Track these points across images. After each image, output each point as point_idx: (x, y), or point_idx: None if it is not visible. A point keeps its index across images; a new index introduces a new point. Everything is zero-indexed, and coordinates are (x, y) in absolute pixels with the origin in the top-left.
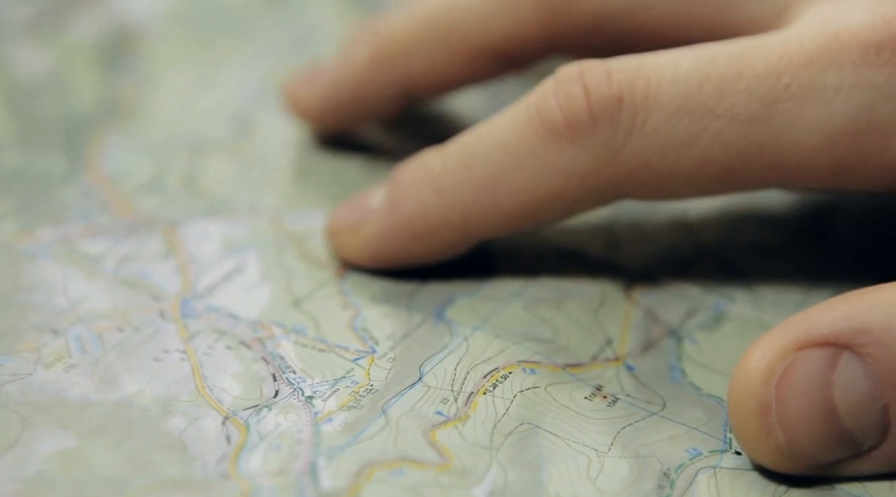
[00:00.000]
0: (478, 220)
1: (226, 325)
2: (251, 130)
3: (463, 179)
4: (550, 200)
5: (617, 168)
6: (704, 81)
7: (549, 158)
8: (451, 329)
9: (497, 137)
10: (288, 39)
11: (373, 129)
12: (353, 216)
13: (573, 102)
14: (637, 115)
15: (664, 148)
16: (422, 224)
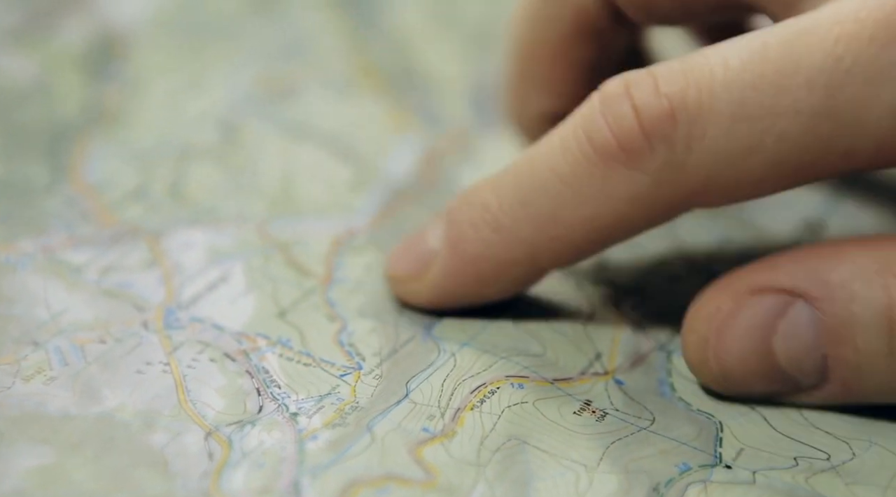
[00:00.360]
0: (544, 255)
1: (210, 337)
2: (238, 137)
3: (522, 216)
4: (617, 226)
5: (681, 186)
6: (758, 80)
7: (608, 185)
8: (438, 346)
9: (550, 167)
10: (276, 45)
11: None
12: (413, 262)
13: (624, 124)
14: (693, 129)
15: (727, 158)
16: (487, 265)
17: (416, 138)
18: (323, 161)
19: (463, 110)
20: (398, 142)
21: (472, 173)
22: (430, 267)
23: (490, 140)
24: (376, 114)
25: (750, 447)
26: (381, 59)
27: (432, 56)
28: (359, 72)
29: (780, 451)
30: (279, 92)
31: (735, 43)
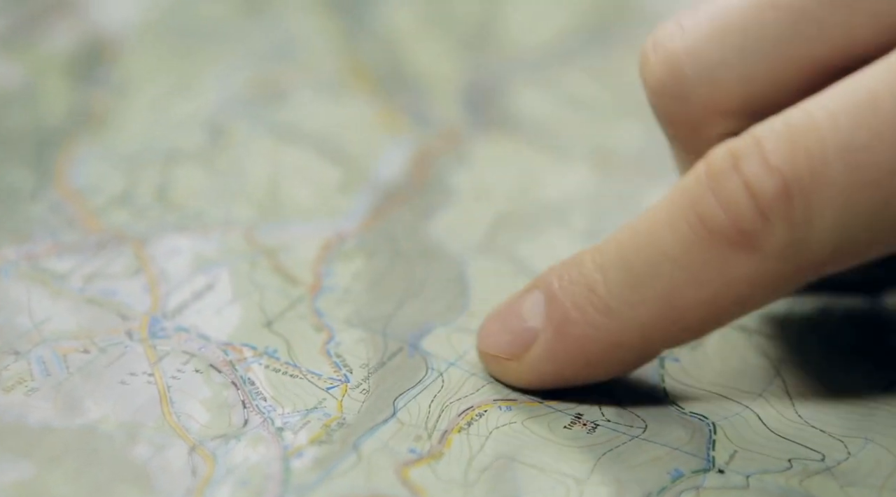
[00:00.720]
0: (658, 337)
1: (195, 347)
2: (226, 140)
3: (634, 299)
4: (738, 306)
5: (806, 261)
6: (874, 140)
7: (728, 268)
8: (426, 362)
9: (660, 248)
10: (267, 48)
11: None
12: (510, 341)
13: (737, 204)
14: (811, 202)
15: (852, 228)
16: (595, 348)
17: (407, 139)
18: (312, 163)
19: (455, 111)
20: (389, 143)
21: (463, 174)
22: (530, 347)
23: (482, 141)
24: (367, 115)
25: (743, 449)
26: (371, 59)
27: (424, 56)
28: (349, 73)
29: (773, 452)
30: (268, 94)
31: (839, 95)
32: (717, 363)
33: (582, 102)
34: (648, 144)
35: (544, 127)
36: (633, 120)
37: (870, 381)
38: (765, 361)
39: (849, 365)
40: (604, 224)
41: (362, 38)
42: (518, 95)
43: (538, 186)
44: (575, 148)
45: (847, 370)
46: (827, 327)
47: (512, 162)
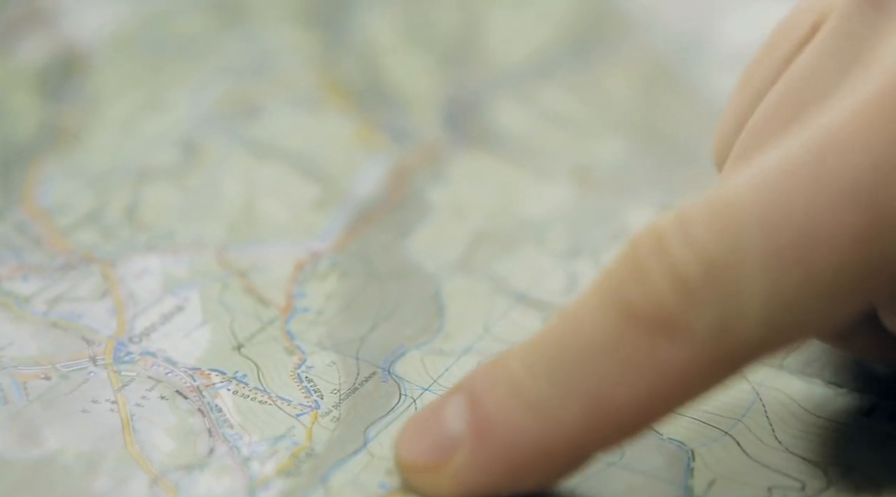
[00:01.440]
0: (590, 439)
1: (162, 372)
2: (199, 157)
3: (561, 395)
4: (670, 400)
5: (737, 344)
6: (793, 212)
7: (657, 357)
8: (399, 388)
9: (588, 336)
10: (242, 62)
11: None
12: (430, 449)
13: (663, 290)
14: (737, 282)
15: (779, 306)
16: (521, 455)
17: (384, 155)
18: (287, 181)
19: (434, 126)
20: (366, 159)
21: (441, 191)
22: (451, 457)
23: (462, 157)
24: (344, 131)
25: (722, 477)
26: (349, 74)
27: (403, 71)
28: (327, 88)
29: (753, 480)
30: (244, 110)
31: (762, 163)
32: None
33: (563, 118)
34: (629, 160)
35: (524, 143)
36: (614, 135)
37: (851, 405)
38: (744, 384)
39: (830, 388)
40: (583, 242)
41: (341, 53)
42: (498, 111)
43: (517, 203)
44: (555, 164)
45: (828, 393)
46: (808, 350)
47: (491, 178)
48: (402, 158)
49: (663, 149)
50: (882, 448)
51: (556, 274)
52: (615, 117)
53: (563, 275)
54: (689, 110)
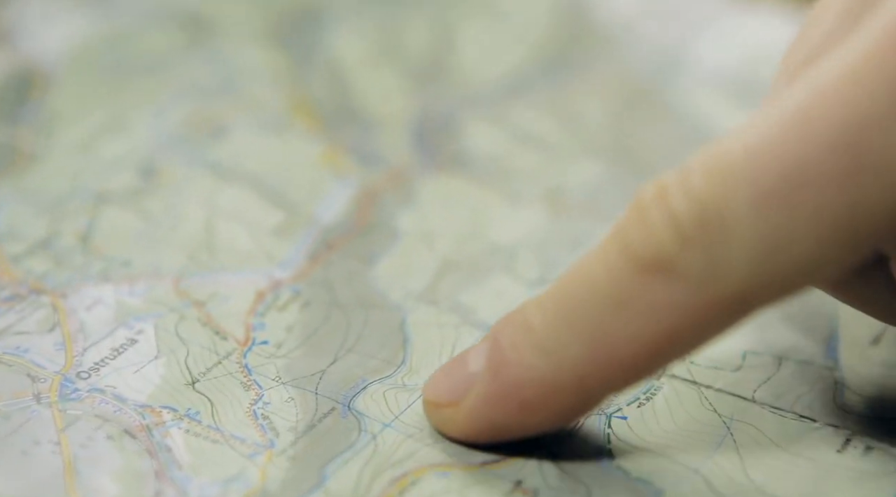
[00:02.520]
0: (593, 378)
1: (110, 410)
2: (159, 181)
3: (566, 336)
4: (666, 342)
5: (724, 287)
6: (778, 154)
7: (649, 296)
8: (359, 424)
9: (591, 281)
10: (207, 82)
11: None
12: (451, 387)
13: (656, 231)
14: (725, 226)
15: (765, 248)
16: (531, 391)
17: (352, 179)
18: (251, 206)
19: (404, 149)
20: (332, 183)
21: (409, 217)
22: (468, 393)
23: (431, 180)
24: (310, 153)
25: None
26: (318, 95)
27: (373, 91)
28: (294, 109)
29: None
30: (208, 131)
31: (760, 114)
32: (666, 420)
33: (536, 139)
34: (603, 183)
35: (496, 165)
36: (588, 157)
37: (824, 440)
38: (714, 417)
39: (802, 422)
40: (554, 271)
41: (309, 72)
42: (470, 132)
43: (487, 229)
44: (527, 187)
45: (801, 428)
46: (780, 382)
47: (461, 203)
48: (370, 182)
49: (638, 171)
50: (855, 485)
51: None
52: (589, 139)
53: None
54: (665, 131)
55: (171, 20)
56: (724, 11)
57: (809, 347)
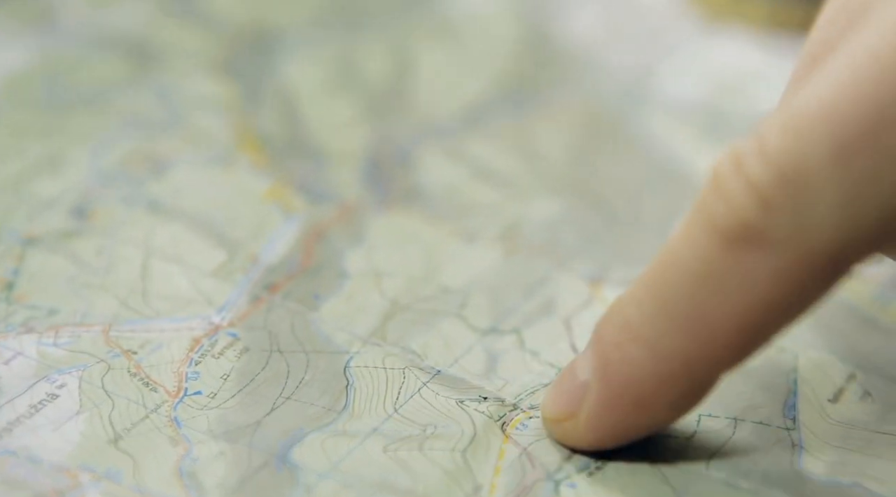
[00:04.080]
0: (700, 364)
1: (22, 474)
2: (94, 222)
3: (666, 324)
4: (769, 313)
5: (817, 249)
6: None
7: (744, 270)
8: (294, 477)
9: (681, 263)
10: (153, 116)
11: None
12: (566, 399)
13: (742, 202)
14: (808, 186)
15: (852, 205)
16: (641, 388)
17: (299, 216)
18: (190, 246)
19: (355, 184)
20: (279, 221)
21: (359, 256)
22: (582, 403)
23: (383, 217)
24: (256, 190)
25: None
26: (267, 127)
27: (326, 123)
28: (241, 143)
29: None
30: (148, 168)
31: (828, 75)
32: (616, 491)
33: (495, 174)
34: (561, 222)
35: (452, 202)
36: (548, 195)
37: None
38: (668, 491)
39: (759, 493)
40: (506, 316)
41: (259, 104)
42: (427, 167)
43: (439, 270)
44: (484, 226)
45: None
46: (735, 447)
47: (413, 242)
48: (318, 219)
49: (599, 208)
50: None
51: (476, 351)
52: (550, 173)
53: (483, 352)
54: (629, 165)
55: (114, 49)
56: (691, 38)
57: (767, 407)
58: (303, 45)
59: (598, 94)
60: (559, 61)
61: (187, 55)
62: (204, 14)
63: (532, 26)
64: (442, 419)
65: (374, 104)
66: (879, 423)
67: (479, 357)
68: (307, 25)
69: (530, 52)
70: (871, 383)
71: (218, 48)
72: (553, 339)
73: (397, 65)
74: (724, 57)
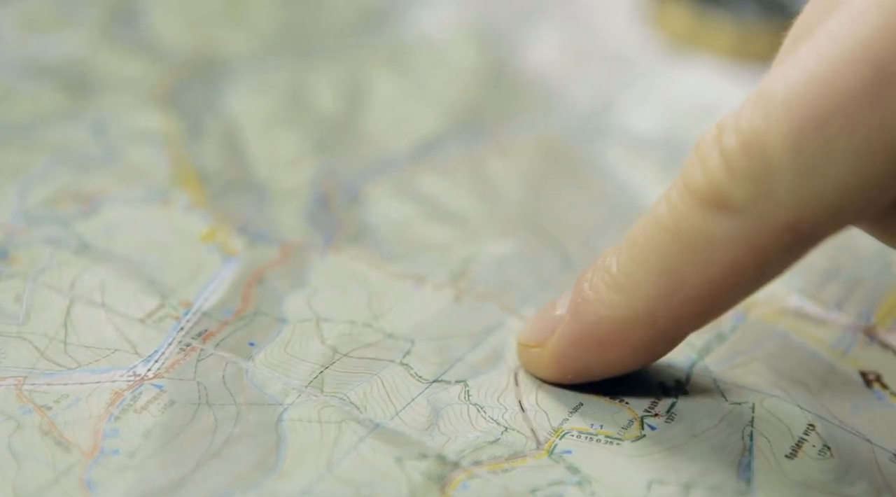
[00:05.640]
0: (663, 314)
1: None
2: (13, 268)
3: (637, 273)
4: (729, 276)
5: (776, 217)
6: (813, 84)
7: (708, 230)
8: None
9: (656, 219)
10: (88, 151)
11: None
12: (540, 327)
13: (713, 166)
14: (768, 155)
15: (808, 176)
16: (606, 327)
17: (238, 259)
18: (120, 292)
19: (299, 224)
20: (216, 264)
21: (300, 299)
22: (553, 333)
23: (327, 259)
24: (194, 230)
25: None
26: (209, 164)
27: (270, 159)
28: (180, 180)
29: None
30: (78, 208)
31: (795, 54)
32: None
33: (447, 213)
34: (514, 262)
35: (401, 242)
36: (500, 234)
37: None
38: None
39: None
40: (452, 364)
41: (201, 138)
42: (375, 205)
43: (384, 315)
44: (433, 268)
45: None
46: None
47: (358, 285)
48: (258, 263)
49: (553, 247)
50: None
51: (419, 403)
52: (503, 213)
53: (426, 404)
54: (585, 203)
55: (48, 78)
56: (654, 68)
57: (720, 470)
58: (251, 74)
59: (556, 126)
60: (517, 91)
61: (127, 85)
62: (148, 41)
63: (490, 54)
64: (378, 479)
65: (323, 137)
66: (837, 484)
67: (422, 410)
68: (257, 53)
69: (487, 81)
70: (829, 435)
71: (161, 77)
72: (500, 392)
73: (349, 95)
74: (687, 88)
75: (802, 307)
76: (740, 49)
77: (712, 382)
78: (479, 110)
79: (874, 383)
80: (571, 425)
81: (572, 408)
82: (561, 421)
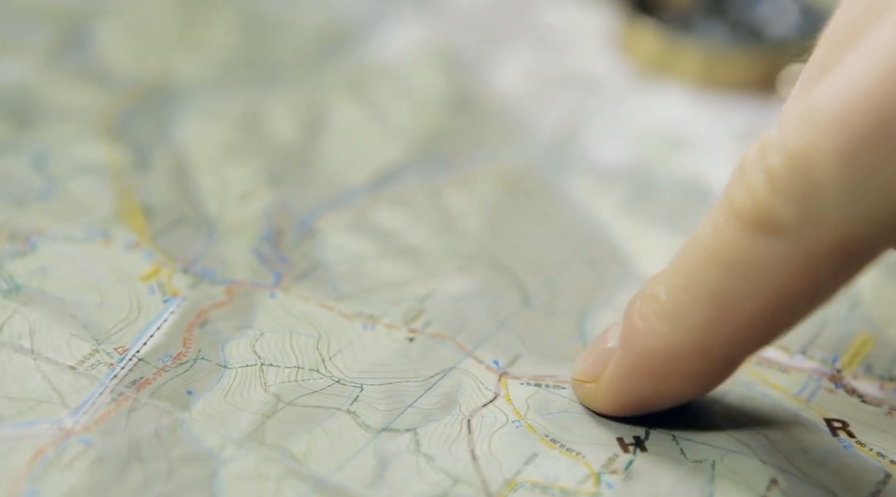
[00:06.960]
0: (715, 342)
1: None
2: None
3: (686, 301)
4: (781, 300)
5: (826, 237)
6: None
7: (757, 254)
8: None
9: (703, 244)
10: (27, 185)
11: None
12: (592, 362)
13: (758, 187)
14: (814, 174)
15: (858, 194)
16: (659, 358)
17: (181, 300)
18: (51, 336)
19: (248, 262)
20: (156, 306)
21: (244, 343)
22: (606, 367)
23: (275, 300)
24: (134, 270)
25: None
26: (154, 198)
27: (220, 192)
28: (122, 216)
29: None
30: (12, 245)
31: (844, 71)
32: None
33: (404, 249)
34: (472, 302)
35: (354, 281)
36: (458, 272)
37: None
38: None
39: None
40: (402, 418)
41: (148, 171)
42: (328, 241)
43: (332, 359)
44: (387, 307)
45: None
46: None
47: (306, 327)
48: (201, 304)
49: (511, 290)
50: None
51: (365, 454)
52: (461, 248)
53: (373, 456)
54: (546, 239)
55: None
56: (621, 96)
57: None
58: (205, 102)
59: (520, 156)
60: (481, 120)
61: (74, 114)
62: (98, 67)
63: (455, 80)
64: None
65: (278, 168)
66: None
67: (368, 462)
68: (212, 79)
69: (451, 109)
70: (792, 489)
71: (110, 106)
72: (451, 441)
73: (307, 124)
74: (656, 115)
75: (766, 354)
76: (710, 75)
77: (671, 439)
78: (441, 140)
79: (840, 432)
80: (525, 477)
81: (527, 458)
82: (515, 472)
